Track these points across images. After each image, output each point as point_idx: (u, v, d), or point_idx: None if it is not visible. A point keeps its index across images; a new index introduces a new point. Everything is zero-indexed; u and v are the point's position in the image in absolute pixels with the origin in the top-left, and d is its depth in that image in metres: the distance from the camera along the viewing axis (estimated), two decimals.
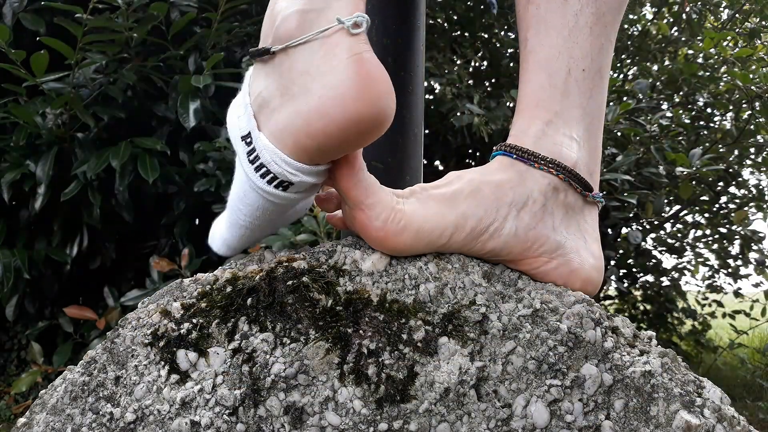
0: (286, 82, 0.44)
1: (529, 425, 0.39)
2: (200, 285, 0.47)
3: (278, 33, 0.44)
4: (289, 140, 0.43)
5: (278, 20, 0.44)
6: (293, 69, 0.43)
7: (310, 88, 0.42)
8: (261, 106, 0.45)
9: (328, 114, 0.42)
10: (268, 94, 0.45)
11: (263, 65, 0.46)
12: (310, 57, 0.43)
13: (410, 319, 0.42)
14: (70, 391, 0.42)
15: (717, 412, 0.38)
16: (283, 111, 0.44)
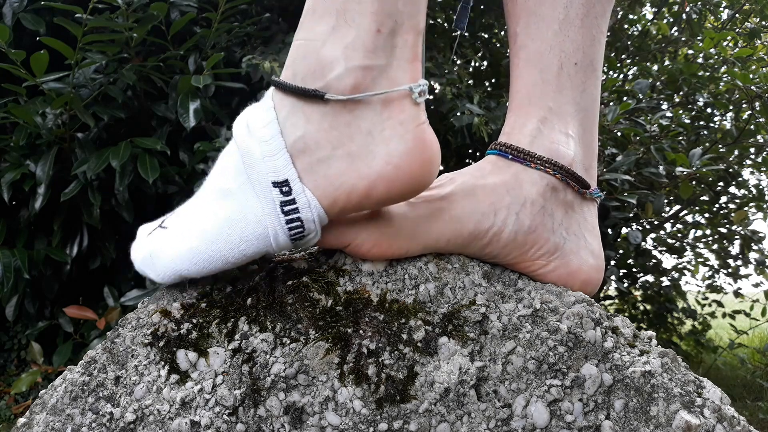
0: (342, 136, 0.42)
1: (529, 425, 0.39)
2: (200, 285, 0.47)
3: (335, 84, 0.41)
4: (340, 198, 0.42)
5: (336, 70, 0.41)
6: (352, 125, 0.42)
7: (374, 152, 0.42)
8: (302, 151, 0.42)
9: (392, 181, 0.42)
10: (314, 142, 0.42)
11: (306, 105, 0.42)
12: (372, 117, 0.42)
13: (410, 319, 0.42)
14: (70, 391, 0.42)
15: (717, 412, 0.38)
16: (336, 166, 0.41)
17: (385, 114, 0.42)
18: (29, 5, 1.44)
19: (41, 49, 1.27)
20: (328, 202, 0.42)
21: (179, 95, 1.42)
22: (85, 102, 1.42)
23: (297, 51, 0.43)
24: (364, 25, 0.41)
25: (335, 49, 0.41)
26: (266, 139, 0.42)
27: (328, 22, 0.42)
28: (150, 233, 0.46)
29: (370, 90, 0.42)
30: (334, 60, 0.41)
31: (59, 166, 1.45)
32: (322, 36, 0.42)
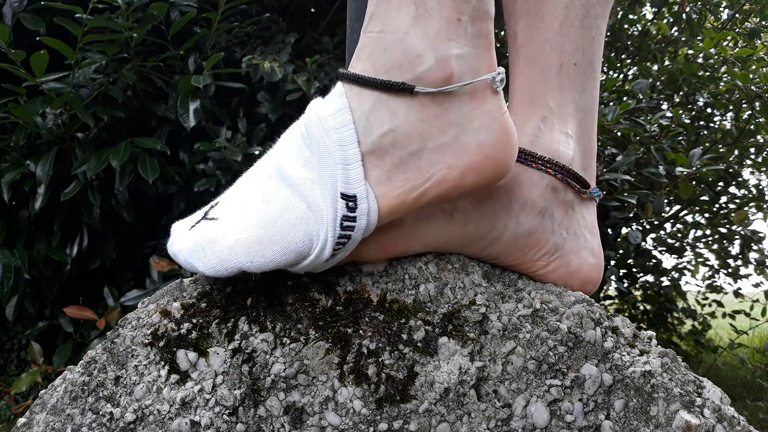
0: (432, 129, 0.41)
1: (529, 425, 0.39)
2: (200, 285, 0.47)
3: (426, 77, 0.40)
4: (430, 190, 0.41)
5: (426, 63, 0.40)
6: (441, 117, 0.41)
7: (464, 142, 0.41)
8: (392, 145, 0.41)
9: (482, 171, 0.42)
10: (403, 135, 0.41)
11: (390, 99, 0.41)
12: (460, 108, 0.42)
13: (410, 319, 0.42)
14: (70, 391, 0.42)
15: (717, 412, 0.38)
16: (427, 158, 0.41)
17: (471, 105, 0.42)
18: (29, 5, 1.44)
19: (41, 49, 1.27)
20: (410, 196, 0.41)
21: (179, 95, 1.42)
22: (85, 102, 1.42)
23: (373, 43, 0.41)
24: (444, 14, 0.41)
25: (421, 40, 0.40)
26: (343, 144, 0.40)
27: (406, 12, 0.41)
28: (193, 226, 0.44)
29: (458, 81, 0.41)
30: (422, 52, 0.40)
31: (59, 166, 1.45)
32: (402, 27, 0.41)
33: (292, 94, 1.57)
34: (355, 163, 0.40)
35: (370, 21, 0.42)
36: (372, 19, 0.42)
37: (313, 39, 1.88)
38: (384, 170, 0.41)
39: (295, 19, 1.97)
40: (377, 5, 0.42)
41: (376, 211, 0.40)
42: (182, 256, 0.42)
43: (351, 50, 0.67)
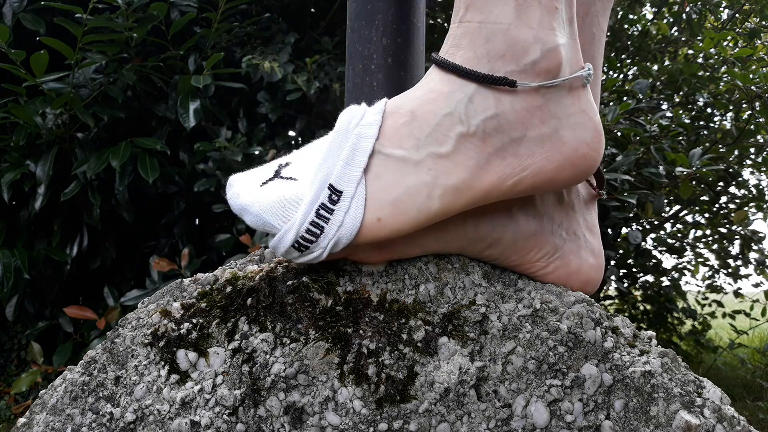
0: (534, 119, 0.41)
1: (529, 425, 0.39)
2: (200, 285, 0.47)
3: (531, 68, 0.41)
4: (525, 179, 0.41)
5: (531, 54, 0.40)
6: (543, 109, 0.41)
7: (563, 137, 0.42)
8: (495, 130, 0.41)
9: (577, 167, 0.42)
10: (507, 122, 0.41)
11: (495, 88, 0.41)
12: (559, 101, 0.42)
13: (410, 319, 0.42)
14: (70, 391, 0.42)
15: (717, 412, 0.38)
16: (526, 147, 0.41)
17: (569, 99, 0.42)
18: (29, 5, 1.44)
19: (41, 49, 1.27)
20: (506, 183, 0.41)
21: (179, 95, 1.42)
22: (85, 102, 1.42)
23: (474, 33, 0.41)
24: (544, 3, 0.41)
25: (526, 31, 0.40)
26: (357, 140, 0.41)
27: (506, 2, 0.40)
28: (265, 183, 0.42)
29: (563, 72, 0.41)
30: (529, 43, 0.40)
31: (59, 166, 1.45)
32: (505, 17, 0.40)
33: (292, 94, 1.57)
34: (358, 164, 0.40)
35: (466, 11, 0.42)
36: (469, 9, 0.42)
37: (313, 39, 1.88)
38: (485, 153, 0.41)
39: (295, 19, 1.97)
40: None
41: (360, 218, 0.40)
42: (254, 211, 0.40)
43: (351, 50, 0.67)
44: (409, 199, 0.40)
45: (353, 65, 0.66)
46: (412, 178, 0.40)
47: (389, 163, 0.41)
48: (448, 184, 0.40)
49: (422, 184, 0.40)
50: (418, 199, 0.40)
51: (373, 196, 0.40)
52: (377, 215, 0.40)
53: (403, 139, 0.41)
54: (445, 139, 0.41)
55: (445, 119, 0.41)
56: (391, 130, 0.41)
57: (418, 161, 0.40)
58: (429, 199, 0.40)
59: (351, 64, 0.66)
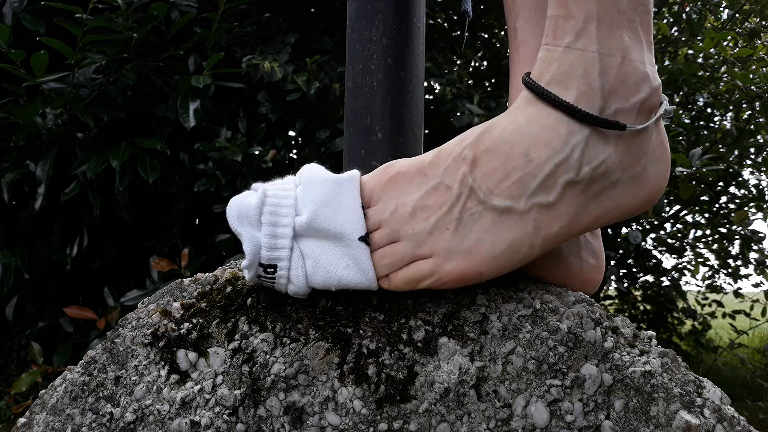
0: (632, 159, 0.41)
1: (529, 425, 0.39)
2: (200, 285, 0.47)
3: (640, 106, 0.40)
4: (612, 216, 0.41)
5: (642, 92, 0.40)
6: (641, 147, 0.41)
7: (649, 173, 0.42)
8: (602, 175, 0.40)
9: (655, 199, 0.42)
10: (612, 165, 0.40)
11: (599, 136, 0.40)
12: (651, 137, 0.42)
13: (410, 319, 0.42)
14: (70, 391, 0.42)
15: (717, 412, 0.38)
16: (620, 188, 0.41)
17: (654, 134, 0.42)
18: (29, 5, 1.44)
19: (41, 49, 1.27)
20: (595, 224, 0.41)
21: (179, 95, 1.42)
22: (85, 102, 1.42)
23: (591, 64, 0.40)
24: (645, 38, 0.41)
25: (637, 67, 0.40)
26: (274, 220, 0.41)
27: (619, 35, 0.40)
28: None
29: (657, 110, 0.41)
30: (640, 80, 0.40)
31: (59, 166, 1.45)
32: (619, 51, 0.40)
33: (292, 94, 1.57)
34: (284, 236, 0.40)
35: (577, 38, 0.40)
36: (581, 36, 0.40)
37: (313, 39, 1.88)
38: (585, 199, 0.40)
39: (295, 19, 1.97)
40: (585, 23, 0.40)
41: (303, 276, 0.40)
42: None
43: (351, 50, 0.67)
44: (512, 253, 0.40)
45: (353, 65, 0.66)
46: (517, 231, 0.40)
47: (495, 215, 0.40)
48: (550, 234, 0.40)
49: (526, 236, 0.40)
50: (521, 252, 0.40)
51: (478, 250, 0.40)
52: (480, 269, 0.40)
53: (512, 186, 0.40)
54: (553, 188, 0.40)
55: (558, 167, 0.40)
56: (501, 173, 0.40)
57: (524, 212, 0.40)
58: (530, 249, 0.40)
59: (351, 64, 0.66)
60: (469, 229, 0.40)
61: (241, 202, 0.40)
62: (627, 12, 0.40)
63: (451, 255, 0.39)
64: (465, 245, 0.39)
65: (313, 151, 1.61)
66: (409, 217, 0.40)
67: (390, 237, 0.40)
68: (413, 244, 0.40)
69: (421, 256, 0.40)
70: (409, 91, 0.66)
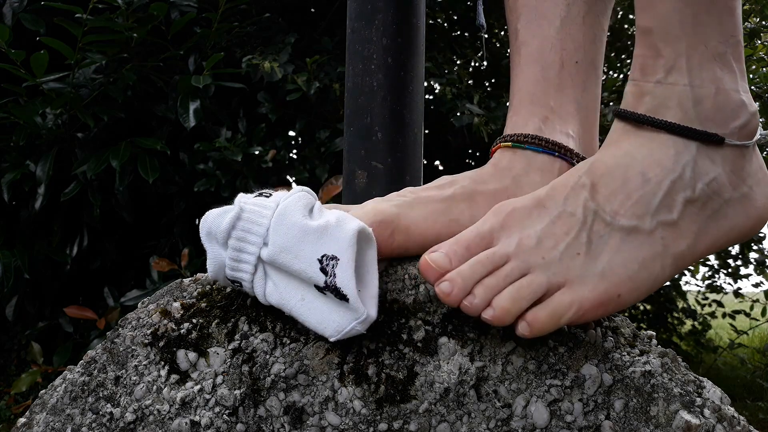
0: (738, 179, 0.42)
1: (529, 425, 0.39)
2: (200, 285, 0.47)
3: (738, 132, 0.42)
4: (730, 238, 0.42)
5: (741, 119, 0.42)
6: (746, 168, 0.42)
7: (756, 193, 0.43)
8: (716, 192, 0.42)
9: (758, 224, 0.43)
10: (722, 184, 0.42)
11: (707, 149, 0.41)
12: (752, 159, 0.43)
13: (410, 319, 0.42)
14: (70, 391, 0.42)
15: (717, 412, 0.38)
16: (733, 207, 0.42)
17: (755, 157, 0.43)
18: (29, 5, 1.44)
19: (41, 49, 1.27)
20: (716, 245, 0.42)
21: (179, 95, 1.42)
22: (85, 102, 1.42)
23: (684, 96, 0.41)
24: (738, 67, 0.42)
25: (732, 95, 0.41)
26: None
27: (710, 67, 0.41)
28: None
29: (755, 133, 0.43)
30: (737, 107, 0.41)
31: (59, 166, 1.45)
32: (711, 81, 0.41)
33: (292, 94, 1.57)
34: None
35: (669, 73, 0.42)
36: (672, 72, 0.41)
37: (313, 39, 1.88)
38: (704, 218, 0.41)
39: (295, 19, 1.97)
40: (676, 60, 0.41)
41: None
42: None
43: (351, 50, 0.67)
44: (645, 273, 0.40)
45: (353, 65, 0.66)
46: (647, 250, 0.40)
47: (623, 235, 0.40)
48: (677, 252, 0.41)
49: (656, 255, 0.40)
50: (654, 271, 0.40)
51: (612, 271, 0.39)
52: (618, 291, 0.39)
53: (635, 205, 0.40)
54: (674, 206, 0.41)
55: (674, 184, 0.41)
56: (622, 194, 0.41)
57: (650, 231, 0.40)
58: (662, 270, 0.40)
59: (351, 64, 0.66)
60: (600, 251, 0.40)
61: (213, 221, 0.41)
62: (717, 47, 0.41)
63: (586, 279, 0.39)
64: (599, 268, 0.39)
65: (313, 151, 1.61)
66: (536, 247, 0.40)
67: (520, 269, 0.39)
68: (546, 272, 0.39)
69: (556, 285, 0.39)
70: (409, 91, 0.66)
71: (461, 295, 0.39)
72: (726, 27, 0.41)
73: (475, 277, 0.39)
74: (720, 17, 0.41)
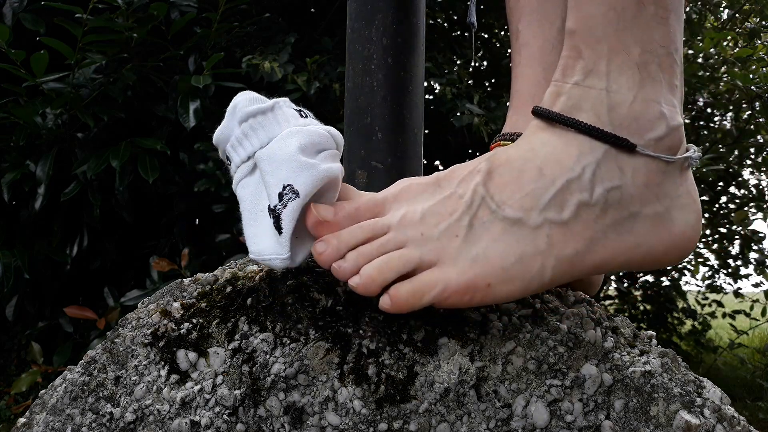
0: (651, 195, 0.40)
1: (529, 425, 0.39)
2: (200, 285, 0.47)
3: (653, 144, 0.40)
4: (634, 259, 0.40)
5: (657, 131, 0.40)
6: (661, 186, 0.40)
7: (674, 217, 0.41)
8: (617, 202, 0.40)
9: (681, 251, 0.41)
10: (629, 195, 0.40)
11: (618, 156, 0.40)
12: (673, 180, 0.41)
13: (410, 319, 0.42)
14: (70, 391, 0.42)
15: (717, 412, 0.38)
16: (642, 224, 0.40)
17: (679, 179, 0.41)
18: (29, 5, 1.44)
19: (41, 49, 1.27)
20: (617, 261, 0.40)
21: (179, 95, 1.42)
22: (85, 102, 1.42)
23: (598, 100, 0.40)
24: (666, 78, 0.40)
25: (652, 106, 0.40)
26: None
27: (630, 76, 0.40)
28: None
29: (678, 152, 0.41)
30: (655, 118, 0.40)
31: (59, 166, 1.45)
32: (630, 89, 0.40)
33: (292, 94, 1.57)
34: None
35: (587, 76, 0.40)
36: (590, 75, 0.40)
37: (313, 39, 1.88)
38: (602, 226, 0.39)
39: (295, 19, 1.97)
40: (596, 63, 0.40)
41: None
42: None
43: (351, 50, 0.67)
44: (521, 267, 0.38)
45: (353, 65, 0.66)
46: (528, 245, 0.38)
47: (506, 225, 0.39)
48: (563, 255, 0.39)
49: (537, 252, 0.38)
50: (531, 268, 0.38)
51: (486, 258, 0.38)
52: (488, 280, 0.38)
53: (524, 198, 0.39)
54: (566, 205, 0.39)
55: (570, 185, 0.39)
56: (514, 185, 0.40)
57: (536, 227, 0.39)
58: (542, 269, 0.39)
59: (351, 64, 0.66)
60: (478, 237, 0.38)
61: (244, 101, 0.45)
62: (641, 55, 0.40)
63: (458, 262, 0.38)
64: (473, 253, 0.38)
65: None
66: (419, 223, 0.39)
67: (396, 242, 0.39)
68: (420, 248, 0.38)
69: (428, 263, 0.38)
70: (409, 91, 0.66)
71: (334, 256, 0.38)
72: (654, 36, 0.39)
73: (352, 242, 0.39)
74: (647, 26, 0.39)
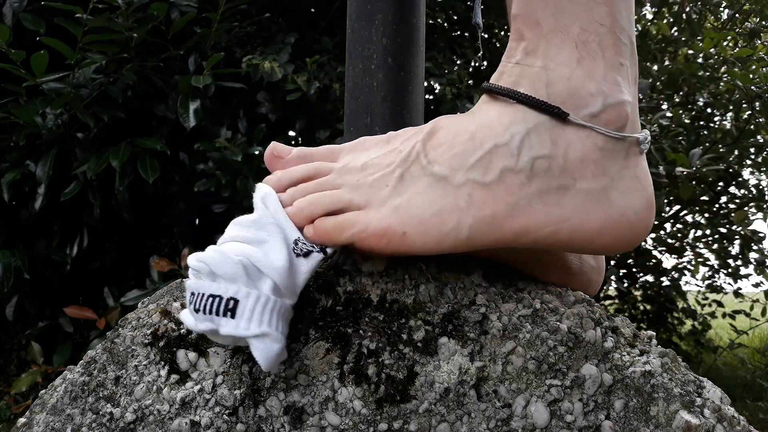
0: (587, 172, 0.40)
1: (529, 425, 0.39)
2: None
3: (591, 118, 0.40)
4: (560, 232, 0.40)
5: (592, 107, 0.40)
6: (599, 164, 0.40)
7: (612, 199, 0.40)
8: (545, 171, 0.39)
9: (620, 236, 0.41)
10: (559, 167, 0.40)
11: (553, 128, 0.40)
12: (616, 161, 0.40)
13: (410, 319, 0.42)
14: (70, 391, 0.42)
15: (717, 412, 0.38)
16: (572, 199, 0.40)
17: (625, 161, 0.41)
18: (29, 5, 1.44)
19: (41, 49, 1.27)
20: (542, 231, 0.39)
21: (179, 95, 1.42)
22: (85, 102, 1.42)
23: (536, 77, 0.41)
24: (609, 57, 0.40)
25: (588, 82, 0.40)
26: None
27: (568, 54, 0.40)
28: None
29: (629, 129, 0.40)
30: (590, 95, 0.40)
31: (59, 166, 1.45)
32: (568, 66, 0.40)
33: (292, 94, 1.57)
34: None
35: (526, 55, 0.41)
36: (529, 54, 0.41)
37: (313, 39, 1.88)
38: (526, 193, 0.39)
39: (295, 19, 1.97)
40: (536, 44, 0.41)
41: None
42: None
43: (351, 50, 0.67)
44: (438, 221, 0.39)
45: (353, 65, 0.66)
46: (448, 201, 0.39)
47: (432, 181, 0.40)
48: (481, 215, 0.39)
49: (455, 208, 0.39)
50: (448, 223, 0.39)
51: (406, 208, 0.39)
52: (404, 229, 0.39)
53: (452, 158, 0.40)
54: (490, 168, 0.39)
55: (497, 149, 0.40)
56: (446, 146, 0.41)
57: (459, 185, 0.39)
58: (458, 226, 0.39)
59: (351, 64, 0.66)
60: (405, 189, 0.40)
61: (222, 268, 0.38)
62: (580, 34, 0.40)
63: (382, 209, 0.40)
64: (396, 202, 0.40)
65: None
66: (358, 170, 0.42)
67: (334, 184, 0.42)
68: (352, 192, 0.41)
69: (356, 206, 0.40)
70: (409, 91, 0.66)
71: (274, 185, 0.42)
72: (594, 15, 0.40)
73: (295, 177, 0.43)
74: (587, 6, 0.40)
